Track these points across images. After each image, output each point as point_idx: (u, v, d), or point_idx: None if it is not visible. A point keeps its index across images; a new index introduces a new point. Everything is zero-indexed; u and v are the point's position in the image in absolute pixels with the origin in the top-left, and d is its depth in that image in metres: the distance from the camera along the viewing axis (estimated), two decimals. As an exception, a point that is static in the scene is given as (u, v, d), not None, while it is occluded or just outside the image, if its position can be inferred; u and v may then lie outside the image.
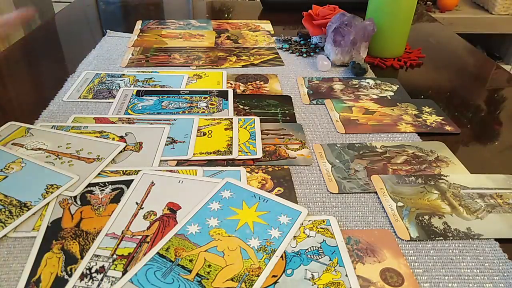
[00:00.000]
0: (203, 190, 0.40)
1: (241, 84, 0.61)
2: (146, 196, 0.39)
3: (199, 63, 0.68)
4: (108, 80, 0.61)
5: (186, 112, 0.53)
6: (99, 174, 0.41)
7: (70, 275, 0.31)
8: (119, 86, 0.59)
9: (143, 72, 0.64)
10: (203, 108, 0.54)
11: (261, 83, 0.62)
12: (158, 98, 0.56)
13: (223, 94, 0.57)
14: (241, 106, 0.55)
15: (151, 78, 0.62)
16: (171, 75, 0.63)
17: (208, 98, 0.57)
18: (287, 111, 0.54)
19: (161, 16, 0.94)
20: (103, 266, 0.32)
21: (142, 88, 0.59)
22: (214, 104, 0.55)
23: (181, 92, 0.58)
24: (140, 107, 0.54)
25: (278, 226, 0.36)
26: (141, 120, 0.51)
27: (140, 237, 0.35)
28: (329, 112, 0.55)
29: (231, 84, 0.61)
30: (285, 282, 0.31)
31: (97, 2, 1.00)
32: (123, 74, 0.63)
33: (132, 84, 0.60)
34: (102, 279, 0.31)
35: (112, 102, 0.55)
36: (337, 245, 0.34)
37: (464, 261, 0.34)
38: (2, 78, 0.65)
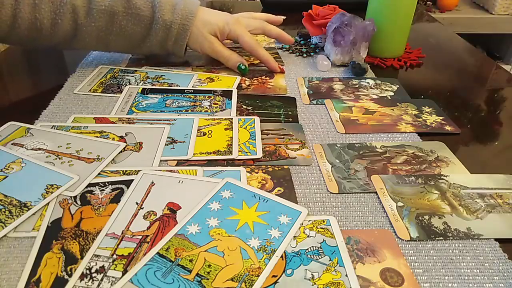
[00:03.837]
0: (203, 190, 0.40)
1: (247, 79, 0.63)
2: (146, 196, 0.39)
3: (199, 62, 0.68)
4: (120, 75, 0.62)
5: (189, 111, 0.53)
6: (99, 174, 0.41)
7: (70, 275, 0.31)
8: (129, 82, 0.60)
9: (154, 69, 0.64)
10: (206, 107, 0.54)
11: (267, 78, 0.63)
12: (162, 96, 0.56)
13: (227, 94, 0.58)
14: (244, 106, 0.55)
15: (161, 75, 0.62)
16: (181, 74, 0.63)
17: (212, 97, 0.57)
18: (290, 112, 0.54)
19: (161, 16, 0.93)
20: (103, 266, 0.32)
21: (149, 86, 0.59)
22: (217, 104, 0.55)
23: (185, 91, 0.58)
24: (144, 105, 0.54)
25: (278, 226, 0.36)
26: (141, 120, 0.51)
27: (140, 237, 0.35)
28: (329, 112, 0.55)
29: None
30: (285, 282, 0.31)
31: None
32: (136, 70, 0.63)
33: (142, 80, 0.61)
34: (102, 279, 0.31)
35: (119, 97, 0.56)
36: (337, 245, 0.34)
37: (464, 261, 0.34)
38: (2, 78, 0.65)
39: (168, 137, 0.47)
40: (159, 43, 0.60)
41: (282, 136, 0.49)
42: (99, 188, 0.40)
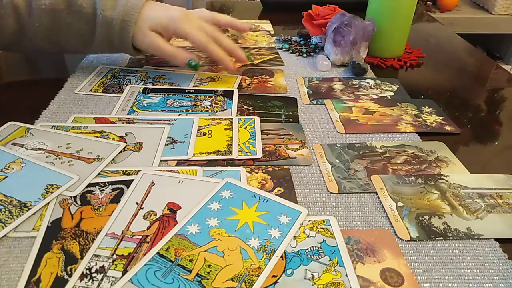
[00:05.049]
0: (203, 190, 0.40)
1: (247, 78, 0.63)
2: (146, 196, 0.39)
3: (199, 62, 0.68)
4: (121, 75, 0.62)
5: (190, 110, 0.53)
6: (99, 174, 0.41)
7: (70, 275, 0.31)
8: (130, 82, 0.60)
9: (155, 69, 0.64)
10: (207, 107, 0.54)
11: (267, 77, 0.63)
12: (163, 96, 0.56)
13: (227, 94, 0.58)
14: (245, 106, 0.55)
15: (162, 75, 0.62)
16: (182, 73, 0.63)
17: (213, 97, 0.57)
18: (290, 113, 0.54)
19: (161, 16, 0.93)
20: (103, 266, 0.32)
21: (150, 86, 0.59)
22: (218, 104, 0.55)
23: (186, 90, 0.58)
24: (145, 104, 0.54)
25: (278, 226, 0.36)
26: (141, 120, 0.51)
27: (140, 237, 0.35)
28: (329, 112, 0.55)
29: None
30: (285, 282, 0.31)
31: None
32: (136, 70, 0.64)
33: (143, 80, 0.61)
34: (102, 279, 0.31)
35: (120, 96, 0.56)
36: (337, 245, 0.34)
37: (464, 261, 0.34)
38: (2, 78, 0.65)
39: (168, 137, 0.47)
40: (106, 41, 0.56)
41: (282, 136, 0.49)
42: (99, 188, 0.40)
